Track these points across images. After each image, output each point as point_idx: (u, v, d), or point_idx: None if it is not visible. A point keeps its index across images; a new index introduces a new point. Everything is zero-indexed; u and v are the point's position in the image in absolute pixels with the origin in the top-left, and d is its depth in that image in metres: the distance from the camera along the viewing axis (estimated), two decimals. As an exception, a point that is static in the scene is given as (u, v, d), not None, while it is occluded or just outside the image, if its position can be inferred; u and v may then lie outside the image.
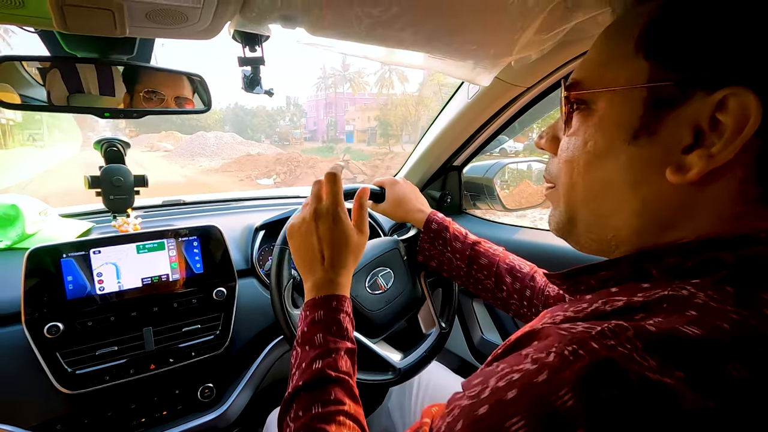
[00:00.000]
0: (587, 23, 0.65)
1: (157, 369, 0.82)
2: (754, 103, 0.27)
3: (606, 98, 0.34)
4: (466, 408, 0.28)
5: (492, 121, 1.07)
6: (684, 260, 0.30)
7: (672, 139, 0.31)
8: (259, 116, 60.76)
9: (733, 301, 0.26)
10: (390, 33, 0.57)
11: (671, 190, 0.31)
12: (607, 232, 0.36)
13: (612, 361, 0.23)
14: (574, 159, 0.37)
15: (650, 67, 0.31)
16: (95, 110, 0.70)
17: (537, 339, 0.30)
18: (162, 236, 0.86)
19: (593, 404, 0.23)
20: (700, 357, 0.23)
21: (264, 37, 0.71)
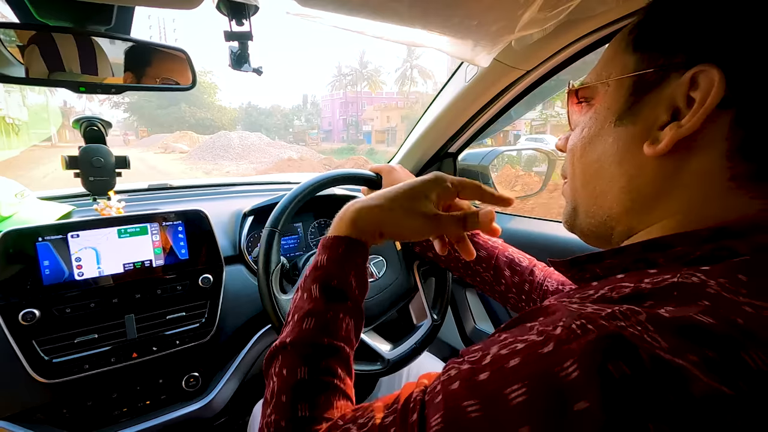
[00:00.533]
0: (592, 1, 0.62)
1: (140, 357, 0.79)
2: (717, 75, 0.29)
3: (601, 91, 0.38)
4: (465, 372, 0.28)
5: (489, 106, 1.03)
6: (693, 249, 0.30)
7: (651, 117, 0.33)
8: (275, 116, 55.70)
9: (746, 290, 0.25)
10: (386, 4, 0.54)
11: (651, 164, 0.34)
12: (602, 212, 0.38)
13: (622, 336, 0.23)
14: (574, 147, 0.41)
15: (637, 59, 0.35)
16: (70, 84, 0.66)
17: (544, 314, 0.30)
18: (145, 220, 0.83)
19: (600, 378, 0.22)
20: (714, 343, 0.22)
21: (252, 8, 0.67)
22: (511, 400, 0.24)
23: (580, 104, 0.41)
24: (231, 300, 0.92)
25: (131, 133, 43.53)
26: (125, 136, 40.53)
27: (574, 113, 0.43)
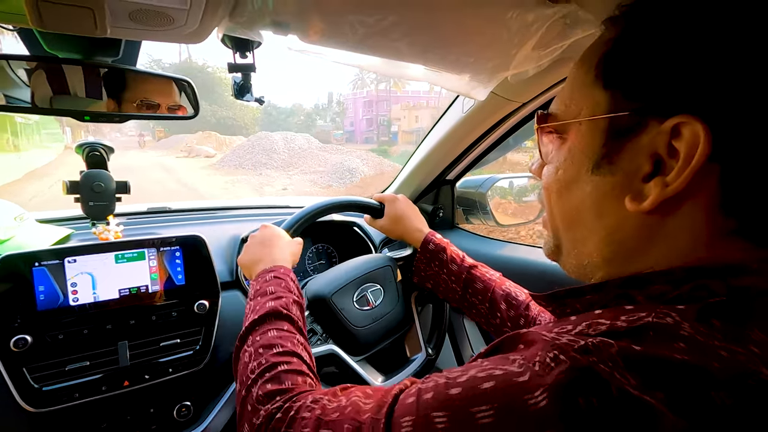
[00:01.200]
0: (585, 40, 0.64)
1: (132, 386, 0.77)
2: (703, 131, 0.27)
3: (574, 128, 0.36)
4: (441, 385, 0.29)
5: (486, 135, 1.05)
6: (670, 288, 0.29)
7: (631, 167, 0.31)
8: (296, 115, 52.17)
9: (721, 335, 0.25)
10: (385, 43, 0.55)
11: (633, 219, 0.32)
12: (582, 258, 0.38)
13: (592, 370, 0.23)
14: (549, 186, 0.39)
15: (609, 98, 0.32)
16: (75, 113, 0.67)
17: (523, 343, 0.30)
18: (142, 245, 0.83)
19: (568, 409, 0.22)
20: (683, 380, 0.23)
21: (255, 43, 0.69)
22: (478, 419, 0.25)
23: (551, 134, 0.39)
24: (226, 326, 0.91)
25: (147, 133, 38.05)
26: (141, 137, 35.16)
27: (545, 145, 0.40)
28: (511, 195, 1.44)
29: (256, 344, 0.55)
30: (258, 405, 0.47)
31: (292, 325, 0.58)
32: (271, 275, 0.64)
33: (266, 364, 0.52)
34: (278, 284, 0.62)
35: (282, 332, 0.56)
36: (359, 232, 1.23)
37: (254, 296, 0.62)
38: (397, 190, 1.32)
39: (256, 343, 0.55)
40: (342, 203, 0.91)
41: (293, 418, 0.42)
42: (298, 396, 0.46)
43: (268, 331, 0.56)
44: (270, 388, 0.49)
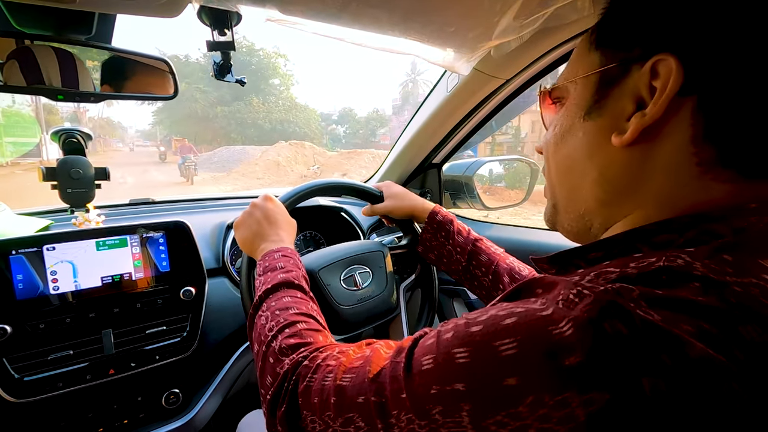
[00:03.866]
0: (566, 9, 0.65)
1: (117, 374, 0.76)
2: (674, 63, 0.29)
3: (571, 90, 0.39)
4: (461, 325, 0.30)
5: (471, 115, 1.05)
6: (676, 236, 0.30)
7: (617, 109, 0.34)
8: (346, 122, 44.08)
9: (732, 269, 0.25)
10: (365, 11, 0.55)
11: (620, 155, 0.34)
12: (579, 207, 0.39)
13: (617, 303, 0.24)
14: (547, 144, 0.42)
15: (600, 56, 0.36)
16: (48, 91, 0.65)
17: (540, 287, 0.30)
18: (124, 232, 0.81)
19: (593, 333, 0.23)
20: (711, 317, 0.23)
21: (234, 18, 0.68)
22: (500, 351, 0.25)
23: (553, 105, 0.43)
24: (214, 313, 0.89)
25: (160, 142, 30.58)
26: (161, 151, 27.00)
27: (547, 114, 0.44)
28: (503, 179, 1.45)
29: (272, 308, 0.56)
30: (281, 356, 0.48)
31: (305, 294, 0.60)
32: (279, 254, 0.65)
33: (285, 322, 0.53)
34: (287, 261, 0.64)
35: (296, 298, 0.57)
36: (347, 218, 1.22)
37: (264, 272, 0.63)
38: (384, 174, 1.31)
39: (272, 308, 0.56)
40: (343, 185, 0.91)
41: (319, 365, 0.42)
42: (324, 347, 0.47)
43: (283, 297, 0.57)
44: (293, 341, 0.49)
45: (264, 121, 31.22)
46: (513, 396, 0.24)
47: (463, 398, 0.26)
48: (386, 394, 0.32)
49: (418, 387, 0.29)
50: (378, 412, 0.32)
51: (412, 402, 0.30)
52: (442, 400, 0.27)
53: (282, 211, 0.76)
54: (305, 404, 0.40)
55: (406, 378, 0.31)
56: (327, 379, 0.39)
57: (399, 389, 0.31)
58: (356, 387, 0.35)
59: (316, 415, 0.39)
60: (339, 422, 0.36)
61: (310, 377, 0.42)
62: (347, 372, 0.38)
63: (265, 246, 0.68)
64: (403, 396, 0.30)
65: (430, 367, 0.29)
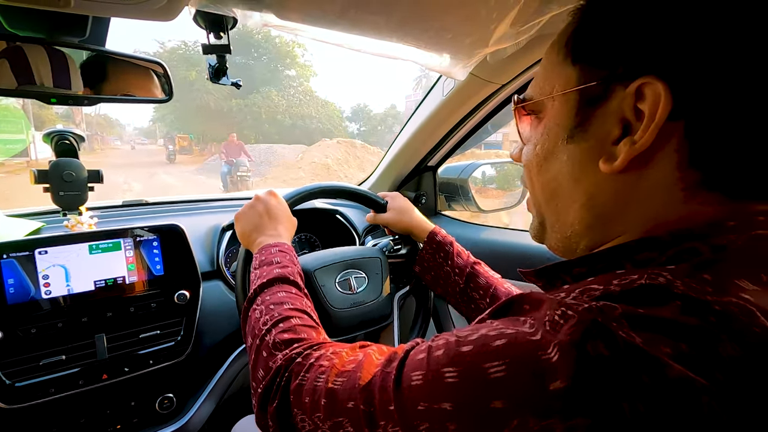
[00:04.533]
0: (563, 16, 0.65)
1: (110, 379, 0.75)
2: (663, 90, 0.28)
3: (548, 106, 0.37)
4: (452, 343, 0.29)
5: (466, 120, 1.06)
6: (657, 254, 0.30)
7: (602, 132, 0.33)
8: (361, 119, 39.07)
9: (711, 288, 0.26)
10: (363, 16, 0.55)
11: (608, 182, 0.33)
12: (566, 229, 0.38)
13: (600, 323, 0.24)
14: (529, 163, 0.40)
15: (578, 72, 0.34)
16: (41, 94, 0.64)
17: (528, 303, 0.30)
18: (118, 235, 0.80)
19: (577, 355, 0.23)
20: (689, 338, 0.23)
21: (230, 21, 0.67)
22: (489, 374, 0.25)
23: (528, 116, 0.41)
24: (208, 317, 0.89)
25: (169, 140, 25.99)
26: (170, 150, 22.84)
27: (523, 127, 0.42)
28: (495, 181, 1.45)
29: (266, 302, 0.56)
30: (275, 350, 0.48)
31: (299, 290, 0.60)
32: (276, 249, 0.65)
33: (279, 317, 0.53)
34: (284, 257, 0.64)
35: (291, 294, 0.58)
36: (342, 221, 1.22)
37: (260, 265, 0.63)
38: (380, 176, 1.31)
39: (266, 302, 0.56)
40: (349, 190, 0.91)
41: (312, 364, 0.42)
42: (319, 345, 0.47)
43: (278, 292, 0.57)
44: (286, 336, 0.50)
45: (284, 116, 26.53)
46: (499, 418, 0.24)
47: (450, 418, 0.27)
48: (375, 404, 0.32)
49: (407, 401, 0.30)
50: (366, 420, 0.33)
51: (400, 415, 0.30)
52: (430, 417, 0.28)
53: (284, 207, 0.76)
54: (296, 402, 0.41)
55: (396, 391, 0.31)
56: (319, 380, 0.39)
57: (388, 401, 0.31)
58: (347, 392, 0.36)
59: (306, 414, 0.39)
60: (328, 425, 0.36)
61: (302, 376, 0.42)
62: (339, 375, 0.38)
63: (262, 240, 0.68)
64: (391, 408, 0.31)
65: (419, 383, 0.29)
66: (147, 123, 34.34)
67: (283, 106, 27.12)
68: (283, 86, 28.40)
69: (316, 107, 28.80)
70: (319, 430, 0.37)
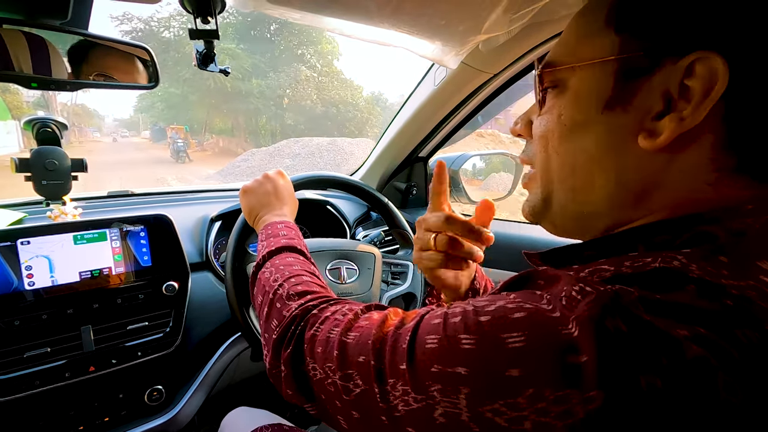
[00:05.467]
0: (556, 3, 0.65)
1: (98, 371, 0.74)
2: (722, 65, 0.27)
3: (579, 74, 0.35)
4: (469, 312, 0.29)
5: (458, 109, 1.05)
6: (673, 237, 0.29)
7: (644, 106, 0.31)
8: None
9: (728, 272, 0.25)
10: (354, 1, 0.54)
11: (645, 158, 0.32)
12: (582, 207, 0.36)
13: (619, 299, 0.24)
14: (548, 133, 0.37)
15: (621, 40, 0.32)
16: (21, 78, 0.62)
17: (542, 279, 0.29)
18: (104, 225, 0.79)
19: (596, 332, 0.23)
20: (707, 321, 0.23)
21: (218, 5, 0.65)
22: (507, 343, 0.25)
23: (552, 86, 0.37)
24: (197, 308, 0.88)
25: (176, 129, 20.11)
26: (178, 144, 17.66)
27: (546, 95, 0.38)
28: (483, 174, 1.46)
29: (276, 265, 0.56)
30: (288, 301, 0.48)
31: (307, 259, 0.60)
32: (282, 225, 0.66)
33: (291, 275, 0.53)
34: (290, 231, 0.64)
35: (299, 260, 0.57)
36: (333, 212, 1.21)
37: (266, 237, 0.63)
38: (371, 168, 1.31)
39: (276, 264, 0.56)
40: (386, 206, 0.95)
41: (327, 317, 0.42)
42: (336, 300, 0.46)
43: (287, 258, 0.57)
44: (300, 288, 0.49)
45: (316, 102, 20.71)
46: (514, 386, 0.24)
47: (464, 381, 0.26)
48: (385, 362, 0.32)
49: (420, 363, 0.29)
50: (376, 375, 0.32)
51: (411, 375, 0.29)
52: (442, 379, 0.27)
53: (291, 189, 0.76)
54: (309, 351, 0.40)
55: (409, 351, 0.30)
56: (333, 332, 0.39)
57: (399, 360, 0.31)
58: (359, 346, 0.35)
59: (318, 363, 0.39)
60: (339, 375, 0.36)
61: (317, 327, 0.41)
62: (353, 330, 0.38)
63: (268, 217, 0.69)
64: (402, 367, 0.30)
65: (434, 347, 0.29)
66: (129, 113, 30.23)
67: (314, 88, 21.24)
68: (309, 65, 22.27)
69: (351, 92, 22.60)
70: (329, 379, 0.37)
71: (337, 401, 0.36)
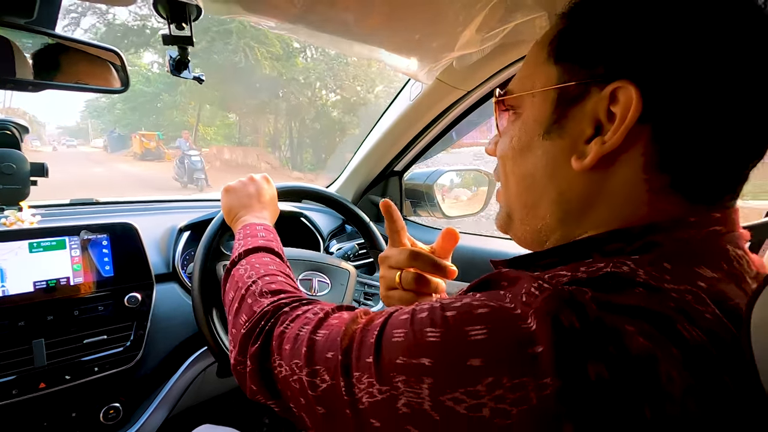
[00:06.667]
0: (526, 26, 0.67)
1: (49, 388, 0.69)
2: (634, 93, 0.30)
3: (528, 102, 0.39)
4: (437, 308, 0.30)
5: (433, 125, 1.07)
6: (624, 245, 0.31)
7: (576, 131, 0.34)
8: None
9: (670, 277, 0.28)
10: (331, 13, 0.54)
11: (580, 178, 0.35)
12: (536, 222, 0.39)
13: (573, 296, 0.26)
14: (504, 155, 0.41)
15: (558, 71, 0.35)
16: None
17: (505, 280, 0.31)
18: (63, 233, 0.75)
19: (553, 326, 0.24)
20: (651, 318, 0.25)
21: (193, 11, 0.65)
22: (470, 335, 0.27)
23: (507, 112, 0.42)
24: (162, 320, 0.84)
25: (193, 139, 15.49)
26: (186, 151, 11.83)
27: (502, 120, 0.44)
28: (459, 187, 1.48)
29: (251, 262, 0.56)
30: (261, 297, 0.49)
31: (283, 261, 0.60)
32: (261, 227, 0.66)
33: (266, 273, 0.53)
34: (267, 234, 0.65)
35: (275, 261, 0.58)
36: (307, 224, 1.20)
37: (244, 237, 0.64)
38: (346, 181, 1.31)
39: (252, 262, 0.56)
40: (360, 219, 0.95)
41: (299, 315, 0.43)
42: (308, 301, 0.46)
43: (263, 257, 0.58)
44: (274, 287, 0.50)
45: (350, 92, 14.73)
46: (474, 375, 0.26)
47: (427, 372, 0.28)
48: (352, 357, 0.33)
49: (385, 354, 0.31)
50: (342, 370, 0.33)
51: (377, 367, 0.30)
52: (406, 370, 0.29)
53: (274, 195, 0.77)
54: (277, 347, 0.41)
55: (376, 345, 0.32)
56: (303, 330, 0.40)
57: (366, 354, 0.32)
58: (328, 343, 0.36)
59: (284, 360, 0.39)
60: (306, 372, 0.36)
61: (287, 324, 0.42)
62: (323, 328, 0.39)
63: (248, 218, 0.69)
64: (369, 360, 0.31)
65: (400, 340, 0.30)
66: (75, 119, 25.11)
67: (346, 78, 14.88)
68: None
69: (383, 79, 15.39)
70: (295, 376, 0.37)
71: (302, 398, 0.37)
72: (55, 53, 0.65)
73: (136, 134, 17.26)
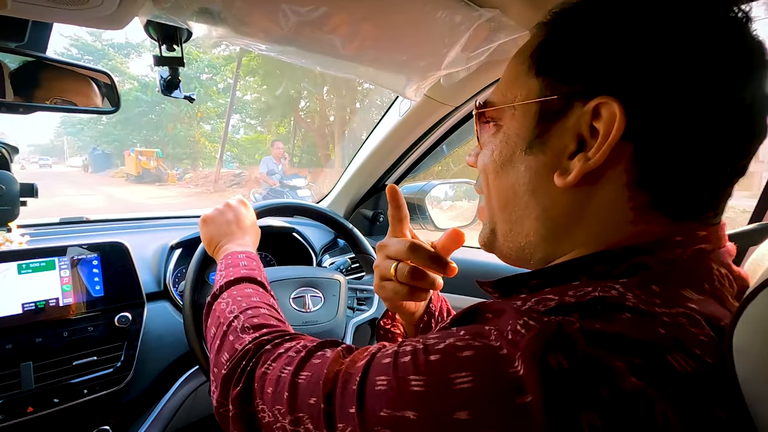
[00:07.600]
0: (510, 45, 0.69)
1: (37, 412, 0.68)
2: (618, 109, 0.29)
3: (509, 114, 0.37)
4: (420, 351, 0.29)
5: (423, 139, 1.09)
6: (612, 267, 0.31)
7: (559, 146, 0.33)
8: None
9: (660, 300, 0.27)
10: (319, 35, 0.56)
11: (563, 195, 0.34)
12: (519, 239, 0.38)
13: (561, 330, 0.25)
14: (485, 168, 0.40)
15: (540, 84, 0.35)
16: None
17: (490, 312, 0.30)
18: (52, 253, 0.75)
19: (541, 371, 0.23)
20: (640, 351, 0.24)
21: (184, 34, 0.66)
22: (455, 384, 0.25)
23: (488, 124, 0.40)
24: (153, 341, 0.83)
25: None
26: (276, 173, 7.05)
27: (482, 132, 0.42)
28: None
29: (233, 296, 0.55)
30: (242, 334, 0.47)
31: (266, 291, 0.59)
32: (243, 255, 0.65)
33: (248, 306, 0.52)
34: (250, 262, 0.64)
35: (258, 292, 0.57)
36: (299, 239, 1.20)
37: (225, 267, 0.62)
38: (338, 195, 1.31)
39: (234, 295, 0.55)
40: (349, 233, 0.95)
41: (281, 354, 0.41)
42: (291, 336, 0.45)
43: (245, 289, 0.57)
44: (256, 321, 0.49)
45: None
46: (462, 429, 0.24)
47: (413, 426, 0.26)
48: (335, 405, 0.32)
49: (369, 407, 0.29)
50: (326, 419, 0.32)
51: (360, 420, 0.29)
52: (391, 424, 0.27)
53: (254, 219, 0.76)
54: (259, 390, 0.40)
55: (358, 394, 0.30)
56: (285, 371, 0.38)
57: (348, 403, 0.30)
58: (310, 387, 0.35)
59: (267, 405, 0.38)
60: (288, 419, 0.35)
61: (269, 364, 0.41)
62: (305, 369, 0.37)
63: (229, 246, 0.68)
64: (351, 411, 0.30)
65: (384, 389, 0.29)
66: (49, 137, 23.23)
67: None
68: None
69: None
70: (278, 423, 0.36)
71: None
72: (45, 76, 0.66)
73: (130, 152, 15.36)
